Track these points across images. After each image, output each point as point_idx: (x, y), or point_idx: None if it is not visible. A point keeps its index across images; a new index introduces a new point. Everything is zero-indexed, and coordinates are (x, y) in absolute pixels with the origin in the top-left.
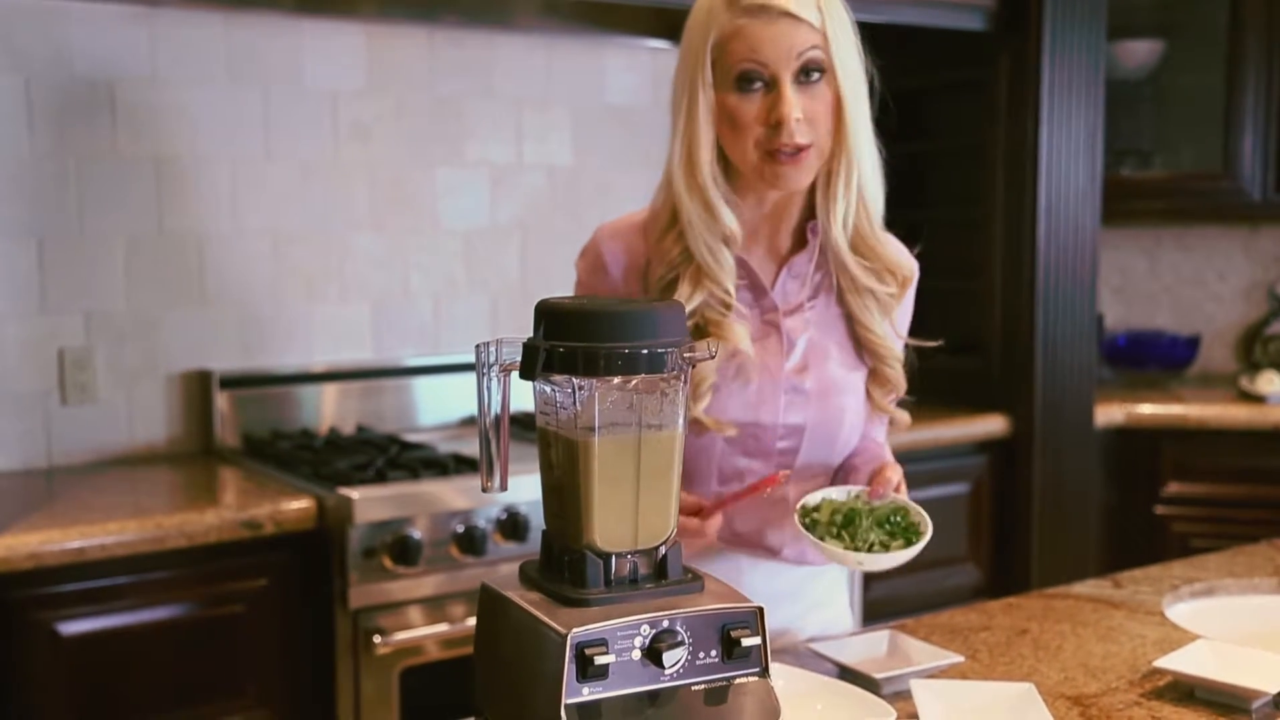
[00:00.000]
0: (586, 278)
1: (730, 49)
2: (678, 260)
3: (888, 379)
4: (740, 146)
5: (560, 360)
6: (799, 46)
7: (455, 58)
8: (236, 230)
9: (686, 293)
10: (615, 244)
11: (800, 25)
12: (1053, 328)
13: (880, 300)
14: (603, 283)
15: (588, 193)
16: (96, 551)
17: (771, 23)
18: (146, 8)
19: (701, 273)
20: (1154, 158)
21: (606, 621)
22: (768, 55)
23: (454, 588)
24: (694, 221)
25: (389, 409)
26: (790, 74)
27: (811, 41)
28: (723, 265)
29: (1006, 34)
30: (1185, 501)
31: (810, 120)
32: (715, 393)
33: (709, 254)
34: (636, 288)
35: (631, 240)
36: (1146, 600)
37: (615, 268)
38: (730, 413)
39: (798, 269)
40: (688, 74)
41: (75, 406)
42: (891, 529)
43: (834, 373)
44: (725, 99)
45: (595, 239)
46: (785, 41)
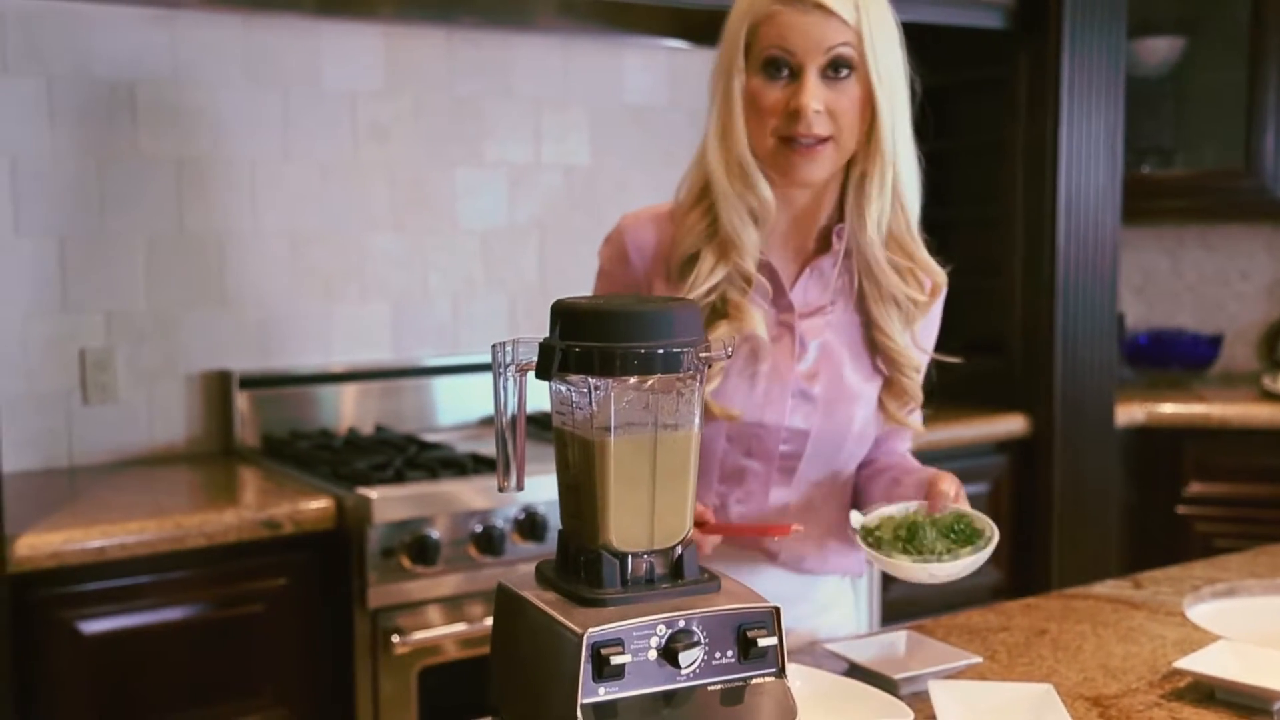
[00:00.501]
0: (609, 266)
1: (762, 33)
2: (703, 235)
3: (904, 389)
4: (759, 132)
5: (576, 360)
6: (828, 40)
7: (473, 58)
8: (256, 230)
9: (709, 265)
10: (639, 232)
11: (832, 19)
12: (1073, 327)
13: (903, 308)
14: (625, 271)
15: (605, 192)
16: (117, 551)
17: (804, 13)
18: (167, 10)
19: (727, 246)
20: (1175, 156)
21: (622, 621)
22: (795, 44)
23: (472, 587)
24: (727, 192)
25: (408, 409)
26: (817, 66)
27: (842, 38)
28: (748, 239)
29: (1026, 32)
30: (1207, 501)
31: (832, 114)
32: (724, 380)
33: (738, 224)
34: (659, 276)
35: (656, 227)
36: (1167, 601)
37: (638, 256)
38: (735, 409)
39: (820, 272)
40: (726, 56)
41: (96, 406)
42: (956, 537)
43: (846, 380)
44: (752, 82)
45: (619, 227)
46: (815, 33)
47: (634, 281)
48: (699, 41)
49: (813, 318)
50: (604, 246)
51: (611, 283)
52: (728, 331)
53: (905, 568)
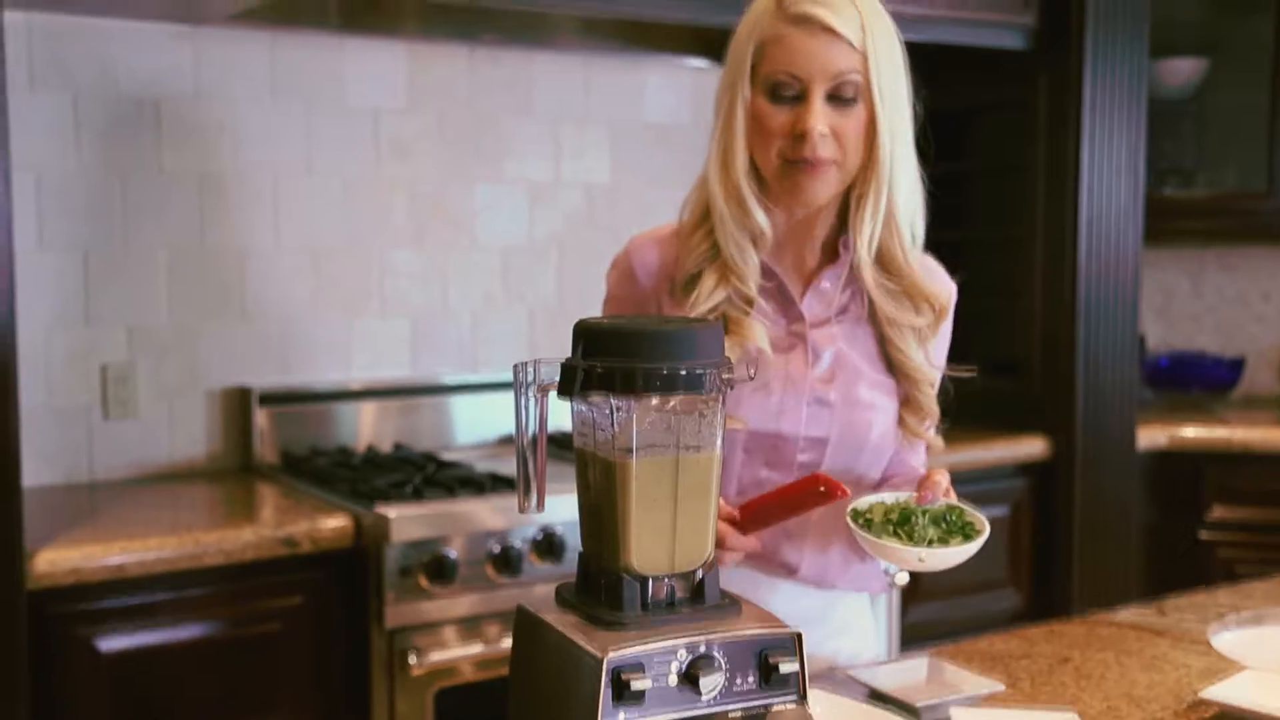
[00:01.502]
0: (616, 289)
1: (769, 55)
2: (705, 256)
3: (921, 405)
4: (764, 153)
5: (598, 380)
6: (834, 66)
7: (495, 76)
8: (277, 246)
9: (710, 286)
10: (646, 252)
11: (839, 44)
12: (1094, 348)
13: (914, 327)
14: (631, 292)
15: (626, 210)
16: (136, 568)
17: (811, 36)
18: (191, 26)
19: (727, 268)
20: (1197, 177)
21: (643, 645)
22: (802, 68)
23: (489, 608)
24: (725, 217)
25: (426, 426)
26: (822, 90)
27: (849, 64)
28: (748, 263)
29: (1047, 53)
30: (1229, 526)
31: (837, 136)
32: (735, 394)
33: (736, 250)
34: (665, 294)
35: (663, 248)
36: (1191, 628)
37: (645, 275)
38: (751, 421)
39: (826, 283)
40: (731, 75)
41: (117, 421)
42: (949, 527)
43: (862, 388)
44: (757, 103)
45: (627, 248)
46: (822, 58)
47: (641, 300)
48: (720, 60)
49: (823, 327)
50: (611, 269)
51: (619, 304)
52: (730, 346)
53: (896, 550)
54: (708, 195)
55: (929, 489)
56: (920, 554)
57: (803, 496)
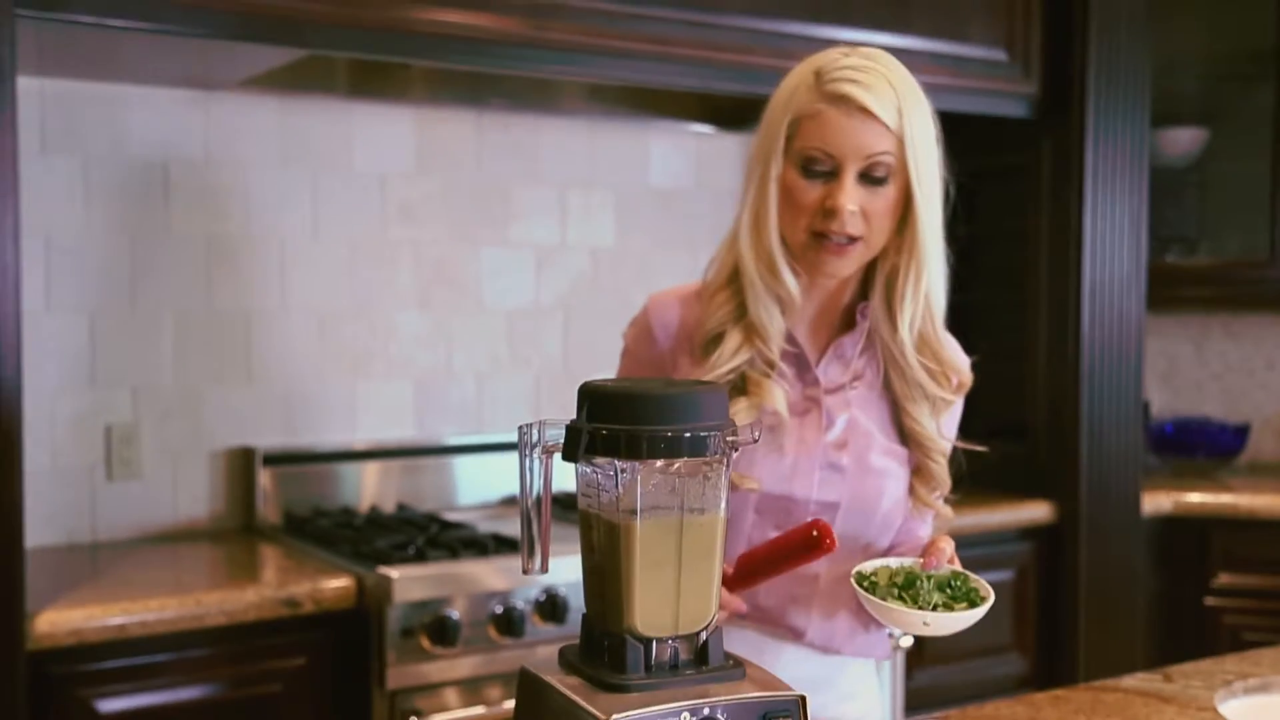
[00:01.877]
0: (633, 345)
1: (804, 130)
2: (729, 316)
3: (933, 474)
4: (793, 225)
5: (603, 443)
6: (869, 148)
7: (502, 141)
8: (283, 308)
9: (734, 346)
10: (665, 312)
11: (875, 125)
12: (1098, 413)
13: (931, 398)
14: (649, 350)
15: (631, 274)
16: (137, 628)
17: (848, 115)
18: (202, 92)
19: (752, 330)
20: (1199, 245)
21: (647, 708)
22: (836, 147)
23: (491, 669)
24: (755, 280)
25: (430, 487)
26: (855, 169)
27: (884, 146)
28: (774, 326)
29: (1050, 120)
30: (1236, 593)
31: (866, 215)
32: (747, 455)
33: (764, 312)
34: (684, 354)
35: (681, 307)
36: (1199, 695)
37: (663, 334)
38: (763, 483)
39: (844, 350)
40: (765, 144)
41: (121, 482)
42: (953, 593)
43: (874, 454)
44: (789, 176)
45: (646, 307)
46: (857, 138)
47: (658, 359)
48: (725, 126)
49: (838, 393)
50: (630, 327)
51: (636, 361)
52: (747, 407)
53: (901, 614)
54: (737, 257)
55: (934, 555)
56: (925, 618)
57: (794, 545)
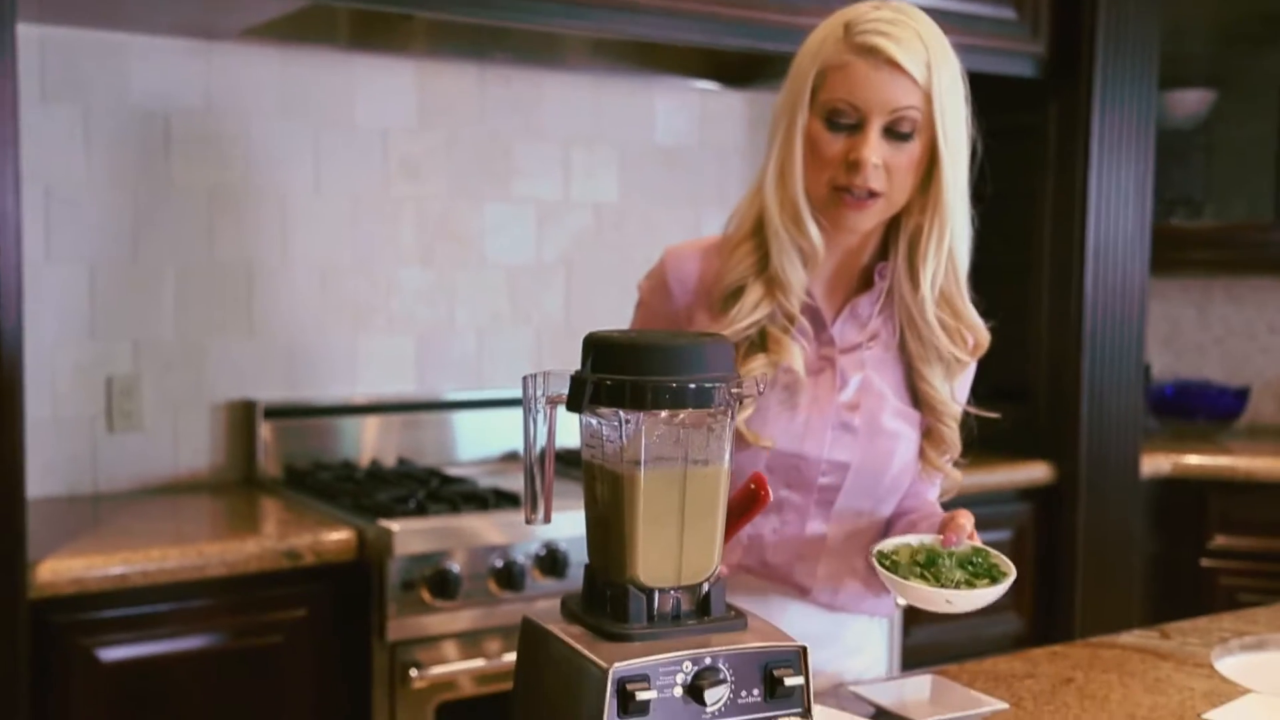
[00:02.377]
0: (648, 297)
1: (831, 81)
2: (752, 268)
3: (943, 438)
4: (816, 178)
5: (607, 393)
6: (895, 101)
7: (504, 95)
8: (285, 261)
9: (755, 299)
10: (682, 264)
11: (903, 79)
12: (1099, 376)
13: (946, 360)
14: (664, 303)
15: (633, 231)
16: (138, 578)
17: (876, 68)
18: (203, 42)
19: (774, 283)
20: (1205, 208)
21: (649, 657)
22: (862, 99)
23: (491, 623)
24: (779, 230)
25: (430, 442)
26: (880, 123)
27: (910, 100)
28: (796, 279)
29: (1057, 81)
30: (1232, 555)
31: (889, 170)
32: (760, 412)
33: (788, 264)
34: (701, 308)
35: (700, 260)
36: (1195, 652)
37: (679, 287)
38: (776, 441)
39: (861, 310)
40: (791, 96)
41: (121, 434)
42: (975, 570)
43: (886, 416)
44: (813, 127)
45: (662, 260)
46: (884, 91)
47: (673, 313)
48: (730, 83)
49: (852, 353)
50: (645, 279)
51: (650, 314)
52: (765, 363)
53: (924, 593)
54: (761, 208)
55: (954, 531)
56: (948, 596)
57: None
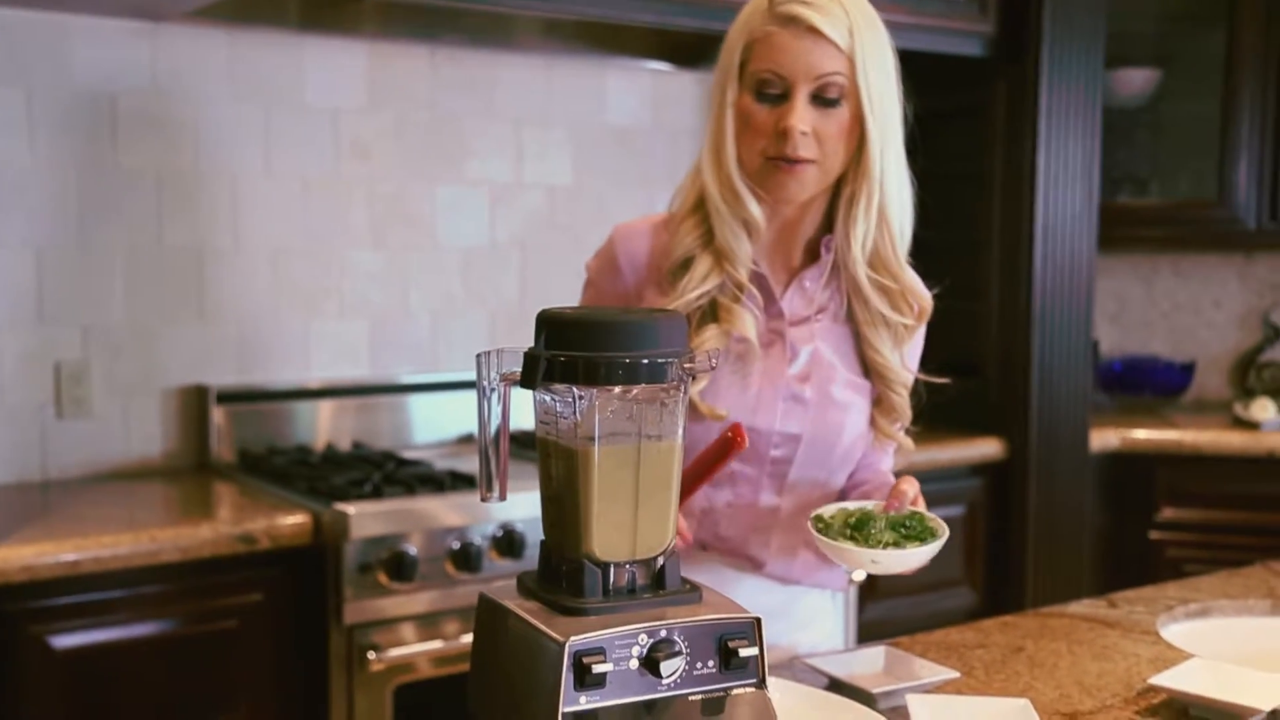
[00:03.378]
0: (597, 276)
1: (757, 53)
2: (698, 240)
3: (894, 406)
4: (749, 150)
5: (561, 369)
6: (819, 68)
7: (456, 76)
8: (236, 245)
9: (703, 271)
10: (631, 241)
11: (826, 46)
12: (1049, 352)
13: (893, 328)
14: (613, 281)
15: (587, 212)
16: (90, 564)
17: (798, 37)
18: (149, 23)
19: (721, 255)
20: (1150, 185)
21: (604, 630)
22: (787, 68)
23: (448, 604)
24: (719, 206)
25: (385, 426)
26: (806, 90)
27: (834, 66)
28: (742, 249)
29: (1005, 60)
30: (1179, 527)
31: (819, 137)
32: (713, 384)
33: (731, 236)
34: (651, 285)
35: (649, 236)
36: (1141, 620)
37: (628, 265)
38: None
39: (808, 283)
40: (721, 73)
41: (71, 420)
42: (906, 531)
43: (837, 387)
44: (743, 100)
45: (611, 238)
46: (807, 58)
47: (623, 292)
48: (682, 64)
49: (802, 325)
50: (593, 258)
51: (599, 294)
52: (717, 333)
53: (850, 552)
54: (701, 185)
55: (896, 498)
56: (873, 556)
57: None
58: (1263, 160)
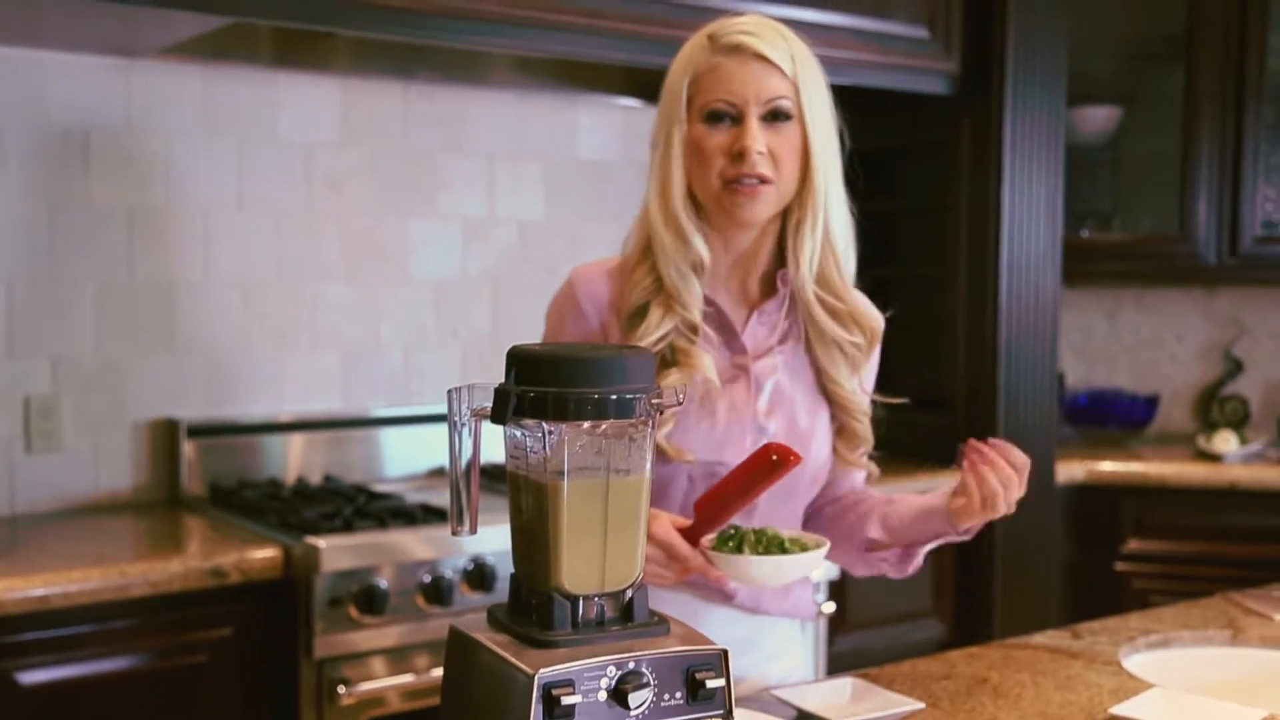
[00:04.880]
0: (558, 324)
1: (704, 85)
2: (650, 288)
3: (855, 433)
4: (704, 177)
5: (531, 405)
6: (768, 92)
7: (429, 112)
8: (207, 279)
9: (657, 318)
10: (592, 285)
11: (772, 71)
12: (1015, 385)
13: (847, 354)
14: (578, 325)
15: (559, 246)
16: (59, 599)
17: (744, 64)
18: (124, 59)
19: (671, 299)
20: (1113, 220)
21: (573, 663)
22: (737, 93)
23: (419, 638)
24: (665, 248)
25: (357, 459)
26: (757, 112)
27: (781, 91)
28: (691, 292)
29: (970, 98)
30: (1144, 559)
31: (773, 157)
32: (680, 425)
33: (679, 279)
34: (614, 328)
35: (609, 280)
36: (1104, 650)
37: (592, 307)
38: (697, 452)
39: (767, 315)
40: (667, 109)
41: (40, 454)
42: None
43: (800, 419)
44: (695, 130)
45: (571, 282)
46: (755, 84)
47: (588, 333)
48: (652, 99)
49: (764, 359)
50: (552, 306)
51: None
52: (679, 379)
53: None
54: (649, 227)
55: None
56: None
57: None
58: (1222, 196)
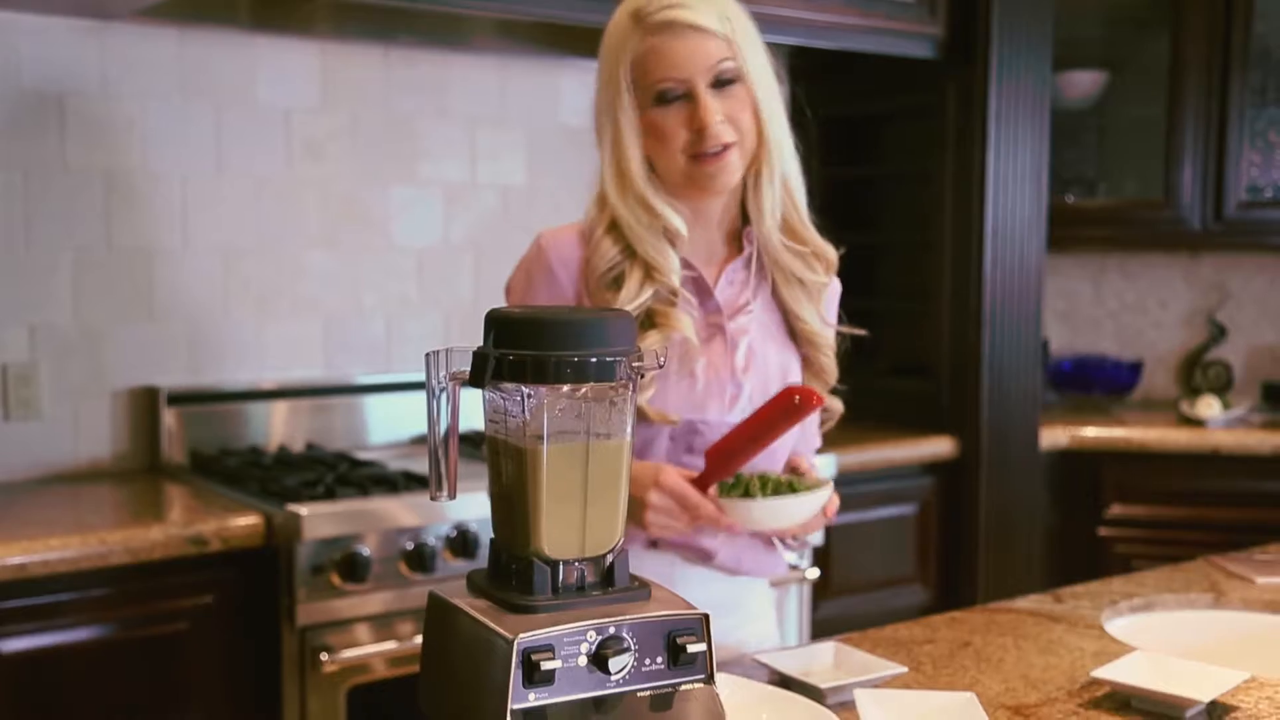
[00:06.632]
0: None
1: (646, 68)
2: (619, 257)
3: (821, 366)
4: (668, 157)
5: (510, 368)
6: (710, 58)
7: (410, 77)
8: (187, 246)
9: (635, 287)
10: (563, 249)
11: (708, 37)
12: (999, 351)
13: (809, 288)
14: (550, 288)
15: (541, 212)
16: (39, 568)
17: (680, 38)
18: (97, 21)
19: (649, 267)
20: (1098, 186)
21: (553, 628)
22: (682, 69)
23: (402, 605)
24: (633, 225)
25: (339, 427)
26: (705, 83)
27: (721, 53)
28: (669, 260)
29: (955, 62)
30: (1127, 523)
31: (731, 121)
32: (660, 385)
33: (654, 252)
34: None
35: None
36: (1086, 614)
37: (563, 270)
38: (675, 408)
39: (735, 272)
40: (608, 97)
41: (19, 422)
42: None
43: (773, 371)
44: (648, 115)
45: (542, 246)
46: (697, 55)
47: (560, 297)
48: None
49: (738, 316)
50: (518, 270)
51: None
52: (658, 339)
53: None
54: (610, 211)
55: None
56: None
57: (774, 416)
58: (1207, 162)
